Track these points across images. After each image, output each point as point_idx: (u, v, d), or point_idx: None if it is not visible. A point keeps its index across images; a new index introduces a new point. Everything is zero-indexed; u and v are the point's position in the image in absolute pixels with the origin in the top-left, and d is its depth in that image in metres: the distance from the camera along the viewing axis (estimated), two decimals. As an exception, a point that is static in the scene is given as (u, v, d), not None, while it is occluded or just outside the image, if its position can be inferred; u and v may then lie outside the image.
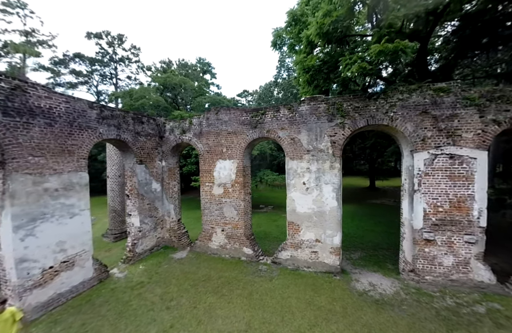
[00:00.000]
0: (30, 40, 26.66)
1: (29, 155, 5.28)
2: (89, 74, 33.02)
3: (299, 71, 10.21)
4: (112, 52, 34.10)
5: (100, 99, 34.69)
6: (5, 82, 4.76)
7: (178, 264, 7.95)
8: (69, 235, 6.14)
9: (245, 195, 8.28)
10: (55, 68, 29.78)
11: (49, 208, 5.72)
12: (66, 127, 6.00)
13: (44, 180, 5.60)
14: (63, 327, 5.03)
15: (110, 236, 11.48)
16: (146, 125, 8.90)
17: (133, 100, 21.03)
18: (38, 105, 5.35)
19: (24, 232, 5.22)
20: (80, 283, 6.32)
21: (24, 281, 5.17)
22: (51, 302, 5.64)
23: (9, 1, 24.75)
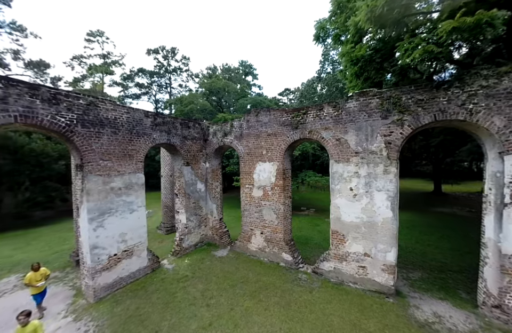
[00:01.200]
0: (106, 61, 32.32)
1: (99, 159, 6.26)
2: (149, 86, 38.02)
3: (345, 63, 9.26)
4: (167, 64, 38.39)
5: (158, 106, 39.54)
6: (83, 99, 5.75)
7: (219, 262, 8.27)
8: (128, 228, 7.06)
9: (284, 199, 8.00)
10: (124, 82, 35.38)
11: (114, 204, 6.68)
12: (127, 134, 6.89)
13: (111, 180, 6.57)
14: (122, 308, 5.79)
15: (163, 228, 12.86)
16: (192, 129, 9.54)
17: (183, 106, 23.14)
18: (106, 116, 6.30)
19: (96, 223, 6.23)
20: (137, 270, 7.22)
21: (95, 264, 6.18)
22: (114, 284, 6.60)
23: (92, 32, 30.59)
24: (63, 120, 5.41)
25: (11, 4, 22.58)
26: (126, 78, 35.62)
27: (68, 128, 5.51)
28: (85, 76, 29.79)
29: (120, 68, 34.26)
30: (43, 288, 5.70)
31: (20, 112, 4.72)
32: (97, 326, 5.21)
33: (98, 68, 29.62)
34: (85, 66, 30.72)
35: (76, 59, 30.60)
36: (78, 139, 5.73)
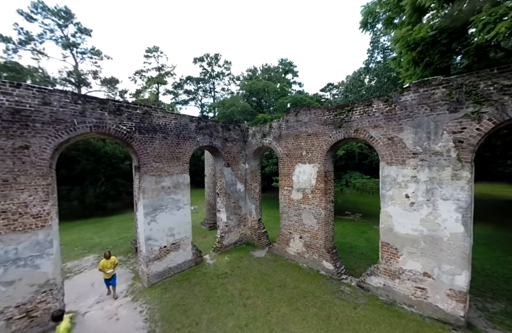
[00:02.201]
0: (160, 73, 36.50)
1: (153, 161, 7.03)
2: (195, 92, 41.30)
3: (400, 49, 8.05)
4: (211, 70, 40.98)
5: (203, 110, 42.61)
6: (139, 109, 6.56)
7: (257, 263, 8.34)
8: (176, 223, 7.75)
9: (326, 203, 7.50)
10: (175, 90, 39.32)
11: (165, 202, 7.42)
12: (175, 138, 7.56)
13: (162, 180, 7.31)
14: (169, 296, 6.40)
15: (206, 224, 13.76)
16: (233, 132, 9.85)
17: (225, 108, 24.25)
18: (158, 123, 7.04)
19: (150, 218, 7.05)
20: (182, 262, 7.88)
21: (149, 254, 7.00)
22: (164, 273, 7.35)
23: (149, 49, 35.02)
24: (124, 128, 6.28)
25: (91, 34, 27.84)
26: (177, 86, 39.51)
27: (128, 135, 6.38)
28: (144, 87, 34.37)
29: (171, 77, 38.26)
30: (112, 275, 6.57)
31: (94, 123, 5.69)
32: (149, 309, 5.89)
33: (154, 80, 33.78)
34: (144, 79, 35.40)
35: (138, 73, 35.63)
36: (135, 143, 6.57)
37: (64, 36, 26.57)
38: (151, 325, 5.29)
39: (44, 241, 5.17)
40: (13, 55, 23.65)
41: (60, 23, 25.75)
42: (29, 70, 22.19)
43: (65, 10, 25.47)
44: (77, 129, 5.43)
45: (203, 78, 40.66)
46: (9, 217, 4.71)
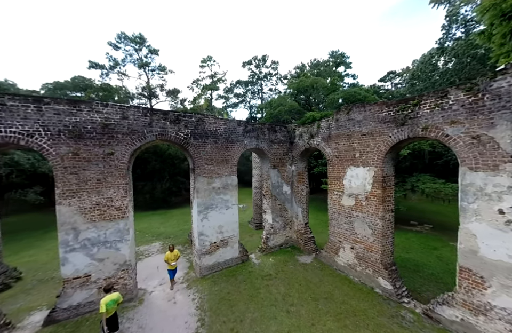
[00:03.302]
0: (213, 80, 39.60)
1: (205, 164, 7.69)
2: (244, 94, 43.08)
3: (491, 20, 6.24)
4: (259, 71, 41.93)
5: (251, 112, 44.04)
6: (194, 117, 7.28)
7: (302, 269, 8.07)
8: (225, 222, 8.27)
9: (384, 212, 6.59)
10: (226, 95, 42.01)
11: (215, 201, 8.02)
12: (224, 142, 8.05)
13: (213, 181, 7.93)
14: (217, 289, 6.88)
15: (253, 224, 14.19)
16: (279, 133, 9.79)
17: (272, 109, 24.34)
18: (209, 129, 7.65)
19: (202, 215, 7.74)
20: (230, 258, 8.36)
21: (201, 248, 7.71)
22: (213, 267, 7.96)
23: (204, 59, 38.49)
24: (182, 135, 7.09)
25: (158, 53, 32.65)
26: (227, 91, 42.15)
27: (185, 140, 7.17)
28: (200, 95, 38.07)
29: (223, 83, 41.09)
30: (175, 267, 7.19)
31: (159, 131, 6.64)
32: (200, 298, 6.49)
33: (208, 87, 37.07)
34: (200, 87, 39.19)
35: (194, 82, 39.82)
36: (191, 148, 7.33)
37: (139, 57, 32.07)
38: (201, 314, 5.82)
39: (123, 229, 6.37)
40: (105, 78, 30.11)
41: (136, 47, 31.26)
42: (116, 89, 27.73)
43: (139, 37, 30.70)
44: (146, 138, 6.46)
45: (251, 80, 42.02)
46: (101, 208, 6.01)
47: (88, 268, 5.94)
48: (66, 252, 5.70)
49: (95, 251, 6.00)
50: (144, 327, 5.43)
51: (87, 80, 25.43)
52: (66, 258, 5.71)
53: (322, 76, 28.48)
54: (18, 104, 5.06)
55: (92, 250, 5.96)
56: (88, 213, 5.87)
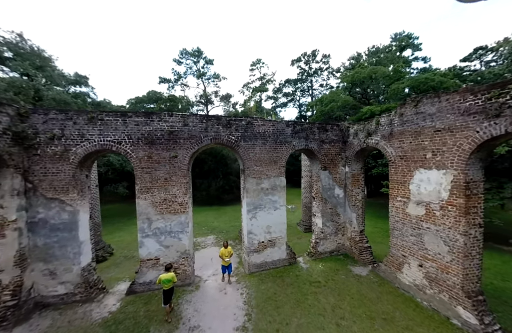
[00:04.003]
0: (262, 81, 40.44)
1: (254, 165, 7.96)
2: (294, 93, 42.29)
3: None
4: (308, 68, 40.35)
5: (301, 110, 42.83)
6: (244, 121, 7.62)
7: (356, 281, 7.36)
8: (272, 222, 8.36)
9: (467, 227, 5.31)
10: (275, 95, 42.23)
11: (263, 201, 8.20)
12: (273, 143, 8.12)
13: (261, 182, 8.12)
14: (264, 288, 7.01)
15: (302, 226, 13.81)
16: (330, 132, 9.19)
17: (323, 106, 22.96)
18: (258, 131, 7.86)
19: (251, 215, 8.05)
20: (277, 259, 8.39)
21: (250, 246, 8.02)
22: (261, 265, 8.15)
23: (253, 62, 39.71)
24: (233, 138, 7.54)
25: (213, 62, 35.64)
26: (276, 91, 42.29)
27: (235, 143, 7.60)
28: (250, 97, 39.59)
29: (272, 84, 41.55)
30: (228, 263, 7.44)
31: (213, 136, 7.27)
32: (248, 294, 6.77)
33: (258, 89, 38.23)
34: (250, 89, 40.74)
35: (245, 86, 41.79)
36: (241, 150, 7.71)
37: (197, 69, 35.84)
38: (248, 309, 6.06)
39: (184, 222, 7.27)
40: (171, 90, 34.99)
41: (194, 60, 35.20)
42: (179, 99, 31.81)
43: (197, 50, 34.37)
44: (202, 142, 7.18)
45: (300, 78, 40.90)
46: (167, 203, 7.02)
47: (158, 252, 7.05)
48: (142, 237, 6.94)
49: (163, 239, 7.08)
50: (199, 311, 6.06)
51: (158, 93, 30.12)
52: (142, 242, 6.95)
53: (383, 64, 25.03)
54: (111, 119, 6.47)
55: (161, 237, 7.05)
56: (158, 206, 6.97)
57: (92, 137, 6.38)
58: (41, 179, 6.17)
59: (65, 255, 6.39)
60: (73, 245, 6.46)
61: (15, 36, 18.88)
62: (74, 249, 6.46)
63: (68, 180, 6.33)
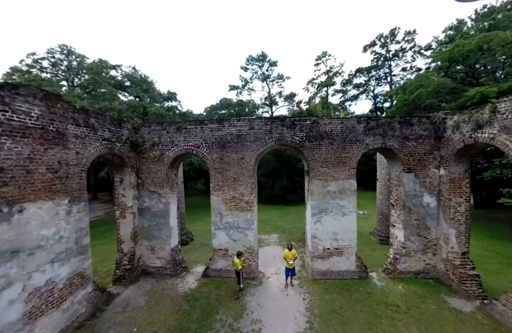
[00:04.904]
0: (329, 75, 37.50)
1: (319, 166, 7.54)
2: (366, 83, 37.05)
3: None
4: (385, 51, 34.24)
5: (376, 102, 37.16)
6: (309, 120, 7.33)
7: (453, 316, 5.74)
8: (340, 229, 7.68)
9: None
10: (343, 88, 38.31)
11: (330, 205, 7.66)
12: (341, 143, 7.44)
13: (327, 184, 7.61)
14: (329, 298, 6.53)
15: (377, 236, 12.03)
16: (417, 126, 7.53)
17: (407, 94, 18.97)
18: (324, 130, 7.38)
19: (316, 218, 7.68)
20: (344, 270, 7.65)
21: (314, 251, 7.67)
22: (326, 273, 7.64)
23: (318, 56, 37.38)
24: (297, 139, 7.40)
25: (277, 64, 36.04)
26: (345, 83, 38.27)
27: (300, 144, 7.42)
28: (315, 93, 37.68)
29: (340, 76, 37.91)
30: (292, 266, 7.20)
31: (277, 137, 7.37)
32: (311, 300, 6.49)
33: (323, 84, 35.92)
34: (315, 85, 38.79)
35: (309, 83, 40.01)
36: (305, 151, 7.46)
37: (262, 72, 37.12)
38: (310, 317, 5.81)
39: (250, 219, 7.74)
40: (239, 95, 37.84)
41: (259, 65, 36.59)
42: (246, 103, 34.08)
43: (262, 55, 35.58)
44: (267, 144, 7.41)
45: (375, 64, 35.48)
46: (235, 201, 7.66)
47: (227, 244, 7.82)
48: (215, 229, 7.87)
49: (231, 233, 7.78)
50: (261, 306, 6.32)
51: (228, 100, 33.42)
52: (215, 233, 7.88)
53: (501, 28, 18.15)
54: (192, 127, 7.66)
55: (230, 231, 7.78)
56: (228, 203, 7.72)
57: (179, 143, 7.77)
58: (146, 176, 8.03)
59: (160, 237, 8.08)
60: (166, 229, 8.08)
61: (131, 69, 25.36)
62: (166, 232, 8.07)
63: (163, 177, 7.96)
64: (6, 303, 4.08)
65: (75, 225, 5.61)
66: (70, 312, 5.41)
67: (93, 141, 6.16)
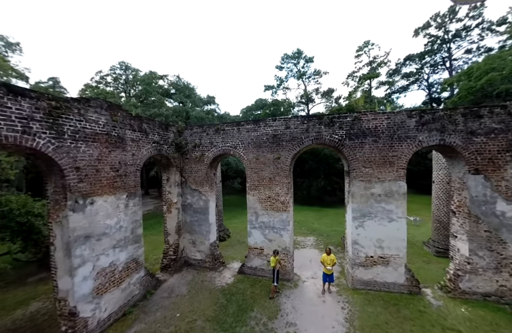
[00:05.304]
0: (372, 66, 34.14)
1: (362, 166, 6.96)
2: (419, 71, 32.31)
3: None
4: (443, 32, 29.24)
5: (431, 92, 32.23)
6: (349, 117, 6.82)
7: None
8: (386, 236, 6.94)
9: None
10: (390, 79, 34.28)
11: (374, 209, 7.00)
12: (388, 140, 6.71)
13: (371, 186, 6.97)
14: (372, 311, 5.96)
15: (432, 247, 10.49)
16: (488, 119, 6.26)
17: (473, 80, 15.88)
18: (367, 127, 6.76)
19: (357, 223, 7.11)
20: (391, 283, 6.87)
21: (355, 258, 7.12)
22: (369, 283, 7.00)
23: (360, 47, 34.36)
24: (336, 137, 6.97)
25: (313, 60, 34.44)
26: (392, 74, 34.23)
27: (339, 142, 6.98)
28: (356, 87, 34.84)
29: (385, 67, 34.14)
30: (330, 272, 6.85)
31: (314, 136, 7.08)
32: (350, 311, 6.04)
33: (366, 76, 32.86)
34: (356, 79, 35.85)
35: (349, 76, 37.09)
36: (346, 150, 6.98)
37: (298, 70, 36.07)
38: (350, 328, 5.40)
39: (285, 220, 7.65)
40: (274, 95, 37.57)
41: (295, 62, 35.57)
42: (281, 102, 33.73)
43: (297, 52, 34.54)
44: (304, 143, 7.19)
45: (430, 49, 30.78)
46: (271, 201, 7.67)
47: (262, 243, 7.89)
48: (251, 228, 8.02)
49: (267, 232, 7.82)
50: (296, 310, 6.17)
51: (263, 100, 33.61)
52: (251, 232, 8.03)
53: None
54: (229, 129, 7.96)
55: (265, 231, 7.83)
56: (263, 202, 7.78)
57: (217, 144, 8.19)
58: (189, 175, 8.69)
59: (200, 232, 8.65)
60: (206, 225, 8.60)
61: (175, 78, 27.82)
62: (206, 228, 8.59)
63: (203, 176, 8.49)
64: (81, 278, 4.96)
65: (131, 217, 6.45)
66: (127, 292, 6.24)
67: (145, 143, 6.98)
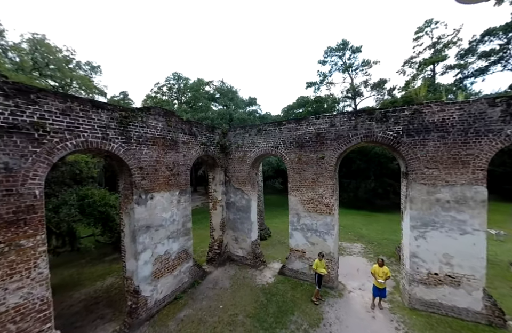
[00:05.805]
0: (436, 48, 28.59)
1: (424, 167, 5.97)
2: (504, 48, 25.24)
3: None
4: None
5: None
6: (407, 110, 5.92)
7: None
8: (456, 252, 5.79)
9: None
10: (460, 61, 27.98)
11: (440, 219, 5.92)
12: (459, 136, 5.56)
13: (436, 191, 5.92)
14: (440, 341, 5.05)
15: (525, 270, 8.24)
16: None
17: None
18: (431, 121, 5.74)
19: (417, 233, 6.15)
20: (463, 308, 5.67)
21: (413, 272, 6.17)
22: (431, 305, 5.95)
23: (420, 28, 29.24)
24: (391, 134, 6.16)
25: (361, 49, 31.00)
26: (464, 55, 27.84)
27: (394, 140, 6.14)
28: (416, 75, 29.93)
29: (454, 46, 28.02)
30: (383, 286, 6.15)
31: (363, 133, 6.43)
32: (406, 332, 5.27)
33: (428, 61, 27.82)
34: (415, 65, 30.78)
35: (407, 63, 31.77)
36: (403, 148, 6.10)
37: (343, 62, 33.19)
38: (410, 354, 4.71)
39: (329, 224, 7.21)
40: (317, 91, 35.53)
41: (339, 54, 32.75)
42: (325, 98, 31.78)
43: (342, 43, 31.69)
44: (351, 141, 6.62)
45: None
46: (314, 203, 7.34)
47: (304, 246, 7.64)
48: (292, 229, 7.86)
49: (309, 235, 7.53)
50: (340, 321, 5.74)
51: (305, 98, 32.31)
52: (292, 233, 7.87)
53: None
54: (271, 129, 7.97)
55: (307, 233, 7.56)
56: (305, 204, 7.51)
57: (259, 144, 8.31)
58: (232, 174, 9.09)
59: (243, 229, 8.95)
60: (248, 223, 8.85)
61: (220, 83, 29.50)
62: (248, 226, 8.84)
63: (246, 176, 8.75)
64: (143, 262, 5.78)
65: (182, 211, 7.14)
66: (178, 278, 6.95)
67: (194, 145, 7.62)
